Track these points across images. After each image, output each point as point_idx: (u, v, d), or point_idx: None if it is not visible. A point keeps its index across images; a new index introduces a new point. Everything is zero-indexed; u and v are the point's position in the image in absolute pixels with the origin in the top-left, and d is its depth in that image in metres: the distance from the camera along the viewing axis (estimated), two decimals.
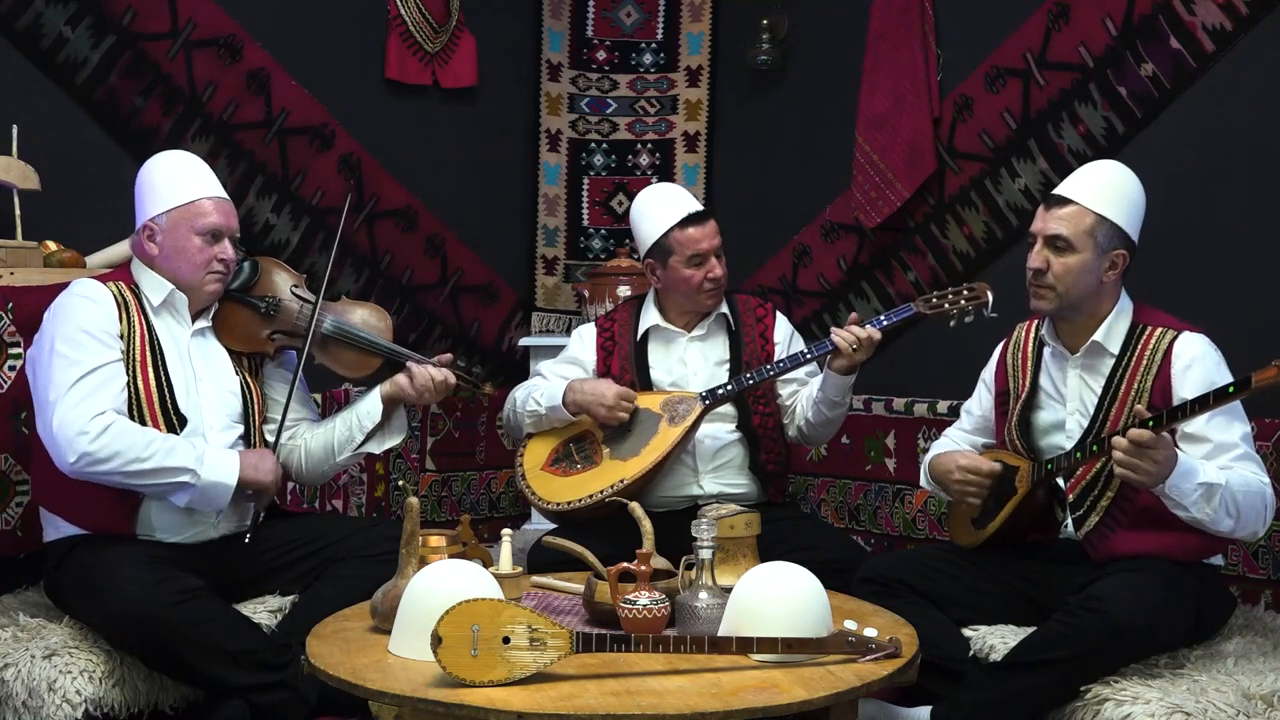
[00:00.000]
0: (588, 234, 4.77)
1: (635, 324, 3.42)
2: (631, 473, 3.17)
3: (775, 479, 3.35)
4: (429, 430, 4.32)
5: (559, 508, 3.21)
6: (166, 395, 2.80)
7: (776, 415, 3.36)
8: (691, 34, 4.74)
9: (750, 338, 3.38)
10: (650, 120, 4.76)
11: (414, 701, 2.01)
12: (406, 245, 4.40)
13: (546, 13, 4.72)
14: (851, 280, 4.34)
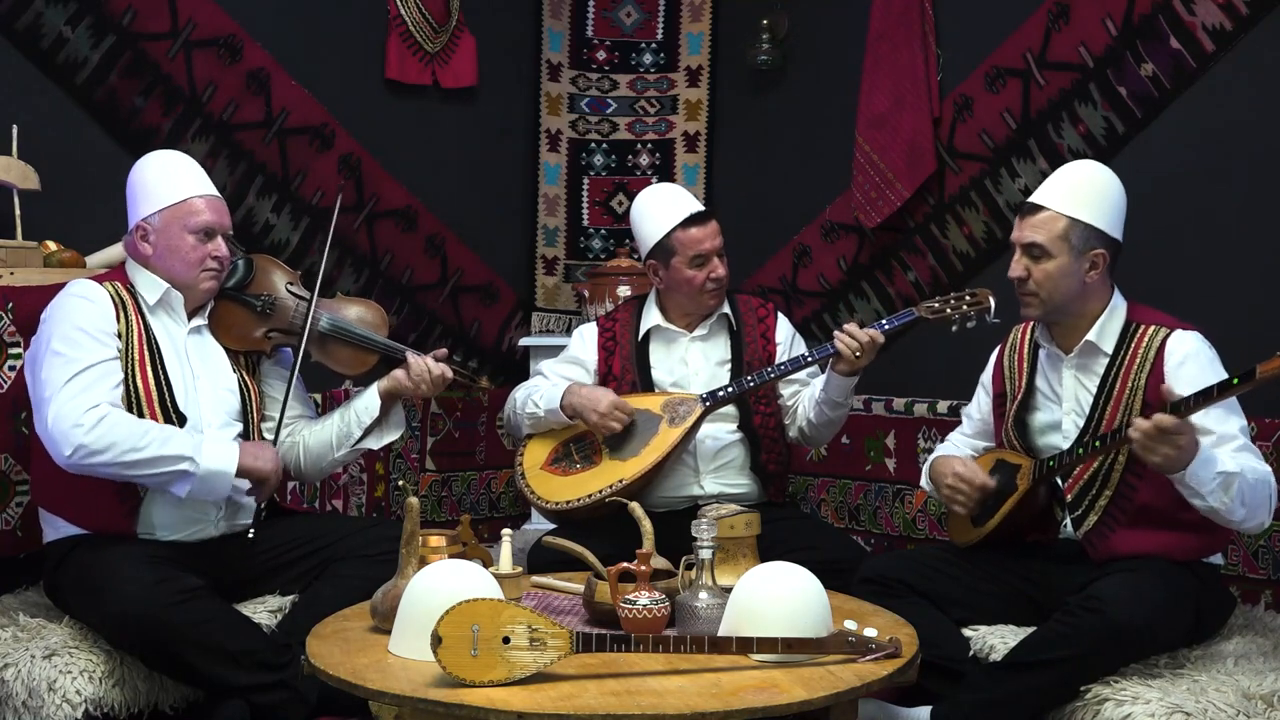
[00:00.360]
0: (588, 234, 4.77)
1: (636, 324, 3.42)
2: (630, 473, 3.17)
3: (776, 479, 3.36)
4: (429, 430, 4.32)
5: (558, 507, 3.21)
6: (165, 393, 2.80)
7: (778, 416, 3.36)
8: (691, 34, 4.75)
9: (751, 338, 3.38)
10: (650, 120, 4.76)
11: (414, 701, 2.01)
12: (406, 245, 4.40)
13: (546, 13, 4.72)
14: (851, 280, 4.34)
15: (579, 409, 3.25)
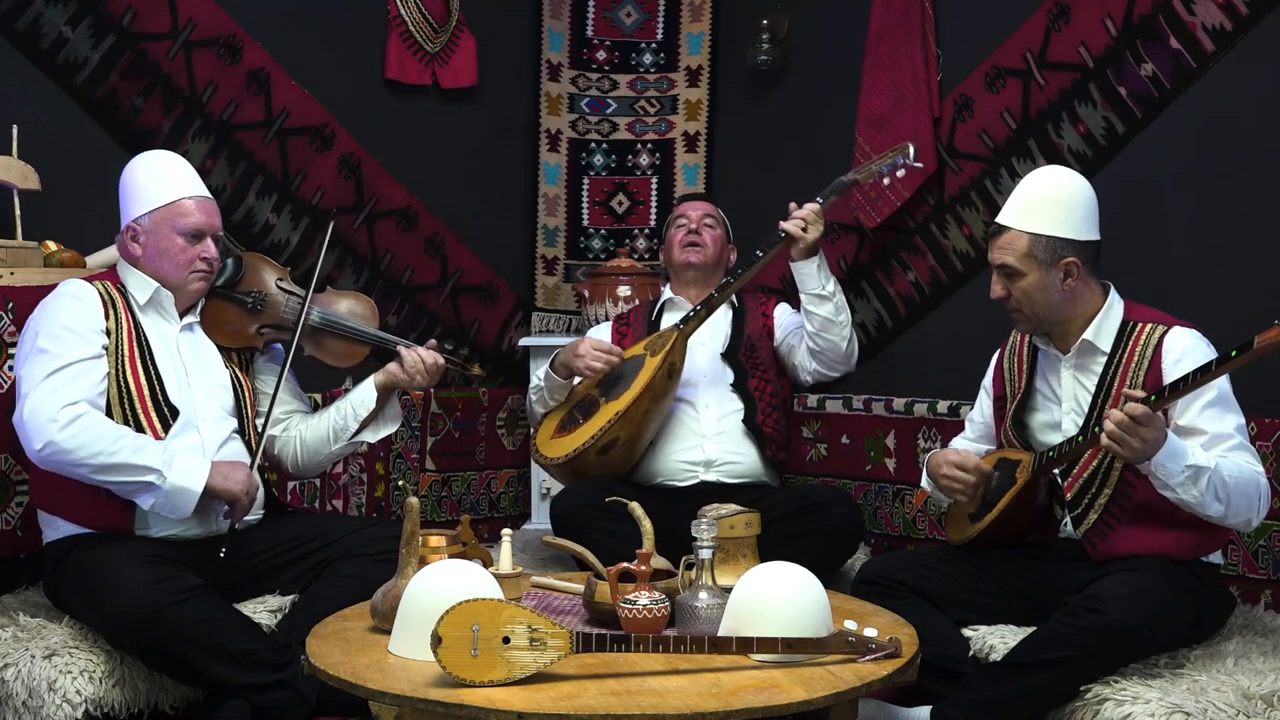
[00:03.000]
0: (588, 234, 4.77)
1: (649, 314, 3.68)
2: (625, 402, 3.32)
3: (772, 444, 3.50)
4: (429, 430, 4.32)
5: (567, 458, 3.36)
6: (157, 388, 2.81)
7: (774, 384, 3.56)
8: (691, 34, 4.74)
9: (753, 315, 3.66)
10: (650, 120, 4.76)
11: (414, 701, 2.01)
12: (406, 245, 4.39)
13: (546, 13, 4.72)
14: (852, 280, 4.34)
15: (564, 360, 3.46)
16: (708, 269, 3.66)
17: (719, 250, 3.68)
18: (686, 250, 3.65)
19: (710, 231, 3.67)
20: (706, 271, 3.66)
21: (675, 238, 3.68)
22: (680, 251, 3.66)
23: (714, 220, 3.70)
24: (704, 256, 3.64)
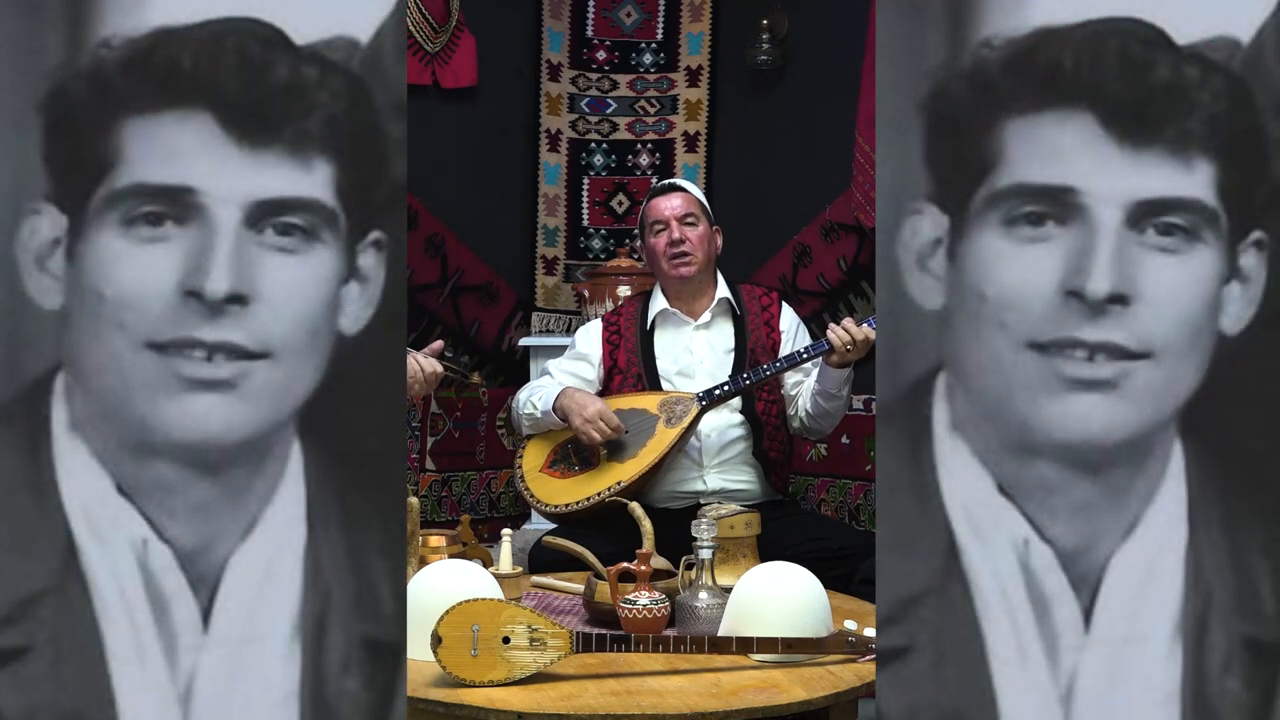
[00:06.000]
0: (588, 234, 4.77)
1: (642, 317, 3.42)
2: (629, 475, 3.16)
3: (778, 467, 3.35)
4: (429, 430, 4.32)
5: (557, 509, 3.21)
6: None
7: (780, 404, 3.36)
8: (691, 34, 4.75)
9: (755, 325, 3.38)
10: (650, 120, 4.76)
11: (414, 701, 2.01)
12: (406, 245, 4.39)
13: (546, 13, 4.72)
14: (851, 280, 4.34)
15: (568, 411, 3.24)
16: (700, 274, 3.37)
17: (707, 250, 3.34)
18: (675, 265, 3.31)
19: (693, 231, 3.31)
20: (699, 277, 3.37)
21: (658, 247, 3.34)
22: (668, 265, 3.32)
23: (694, 214, 3.34)
24: (695, 267, 3.32)
